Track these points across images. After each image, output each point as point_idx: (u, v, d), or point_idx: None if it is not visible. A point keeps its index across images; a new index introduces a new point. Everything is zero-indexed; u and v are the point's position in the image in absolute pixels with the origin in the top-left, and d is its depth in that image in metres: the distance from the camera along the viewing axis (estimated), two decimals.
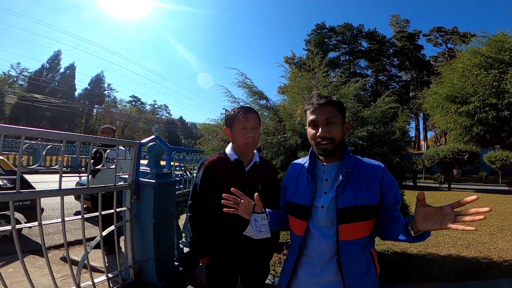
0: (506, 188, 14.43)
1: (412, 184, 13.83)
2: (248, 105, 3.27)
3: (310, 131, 1.24)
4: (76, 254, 3.39)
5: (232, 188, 1.24)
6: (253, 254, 1.63)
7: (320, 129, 1.18)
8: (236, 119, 1.60)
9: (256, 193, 1.27)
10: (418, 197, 0.97)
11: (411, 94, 41.31)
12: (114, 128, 4.19)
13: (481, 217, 0.84)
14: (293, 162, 1.46)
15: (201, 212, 1.64)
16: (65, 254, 2.27)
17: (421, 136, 43.70)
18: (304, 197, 1.23)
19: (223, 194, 1.22)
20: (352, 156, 1.25)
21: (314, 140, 1.22)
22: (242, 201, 1.24)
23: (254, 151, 1.71)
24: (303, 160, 1.36)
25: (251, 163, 1.65)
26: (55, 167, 2.25)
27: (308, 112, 1.24)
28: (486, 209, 0.87)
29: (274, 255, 3.08)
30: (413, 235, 1.01)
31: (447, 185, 15.30)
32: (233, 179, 1.52)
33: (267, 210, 1.35)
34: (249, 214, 1.25)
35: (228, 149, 1.68)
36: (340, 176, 1.18)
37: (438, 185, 16.08)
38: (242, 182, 1.55)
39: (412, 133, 42.72)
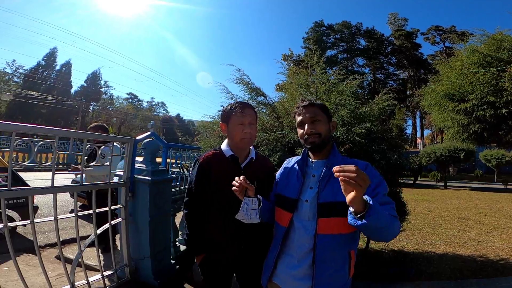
0: (502, 186, 14.52)
1: (412, 182, 13.86)
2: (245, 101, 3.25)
3: (299, 131, 1.39)
4: (72, 252, 3.35)
5: (242, 177, 1.31)
6: (248, 252, 1.61)
7: (306, 126, 1.33)
8: (233, 114, 1.56)
9: (254, 182, 1.34)
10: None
11: (408, 92, 41.45)
12: (105, 125, 3.98)
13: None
14: (288, 158, 1.59)
15: (196, 209, 1.61)
16: (59, 252, 2.25)
17: (418, 134, 43.97)
18: (292, 191, 1.34)
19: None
20: (339, 155, 1.36)
21: (303, 138, 1.36)
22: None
23: (251, 148, 1.68)
24: (297, 157, 1.48)
25: (247, 159, 1.62)
26: (49, 164, 2.21)
27: (296, 115, 1.40)
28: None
29: None
30: (354, 216, 1.02)
31: (443, 183, 15.38)
32: (228, 176, 1.47)
33: (259, 196, 1.41)
34: (242, 195, 1.33)
35: (224, 145, 1.64)
36: (324, 171, 1.27)
37: (434, 183, 16.17)
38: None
39: (409, 131, 42.99)
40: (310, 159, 1.39)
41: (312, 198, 1.27)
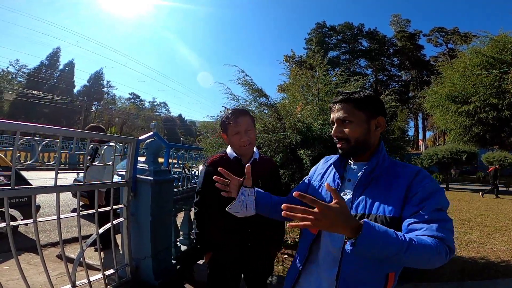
0: (504, 188, 14.46)
1: None
2: (247, 103, 3.25)
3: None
4: (74, 252, 3.36)
5: (219, 168, 1.24)
6: (255, 250, 1.66)
7: (333, 128, 1.13)
8: (228, 125, 1.63)
9: (247, 165, 1.26)
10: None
11: (410, 94, 41.34)
12: (102, 126, 3.94)
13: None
14: (327, 156, 1.36)
15: (205, 208, 1.69)
16: (60, 251, 2.26)
17: (420, 136, 43.80)
18: (325, 194, 1.17)
19: (216, 182, 1.20)
20: (386, 158, 1.11)
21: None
22: (231, 181, 1.22)
23: (254, 149, 1.74)
24: (336, 156, 1.25)
25: (251, 160, 1.68)
26: (52, 163, 2.22)
27: (330, 111, 1.19)
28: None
29: None
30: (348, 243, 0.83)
31: (445, 185, 15.32)
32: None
33: (256, 188, 1.29)
34: (237, 191, 1.21)
35: (229, 149, 1.73)
36: (360, 177, 1.07)
37: None
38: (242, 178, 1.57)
39: (411, 133, 42.83)
40: (350, 161, 1.18)
41: None
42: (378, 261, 0.96)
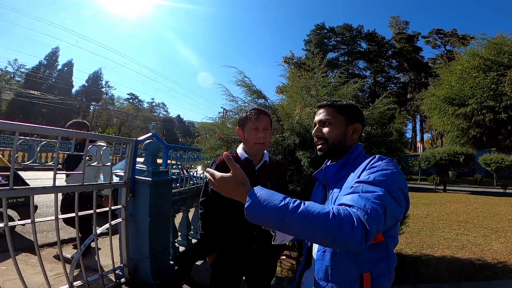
0: (501, 190, 14.50)
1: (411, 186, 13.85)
2: (245, 105, 3.26)
3: None
4: (70, 252, 3.35)
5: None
6: (260, 252, 1.66)
7: (314, 129, 1.22)
8: (248, 120, 1.64)
9: None
10: None
11: (408, 96, 41.50)
12: (87, 122, 3.77)
13: None
14: None
15: (211, 209, 1.68)
16: (58, 252, 2.25)
17: (418, 138, 43.94)
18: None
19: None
20: (357, 158, 1.13)
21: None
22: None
23: (264, 151, 1.75)
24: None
25: (261, 162, 1.70)
26: (50, 163, 2.21)
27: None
28: None
29: None
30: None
31: (442, 187, 15.37)
32: None
33: None
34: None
35: (239, 149, 1.72)
36: (328, 176, 1.15)
37: (433, 187, 16.15)
38: (252, 180, 1.56)
39: (409, 135, 42.99)
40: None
41: None
42: (350, 259, 0.96)
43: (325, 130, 1.18)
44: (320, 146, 1.19)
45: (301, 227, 0.77)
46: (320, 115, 1.21)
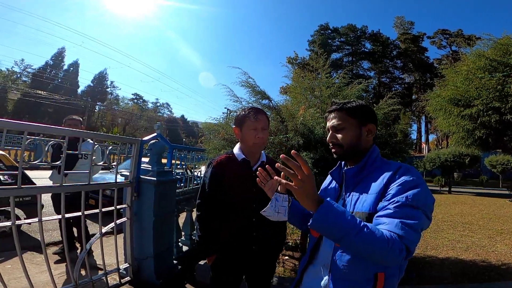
0: (507, 192, 14.34)
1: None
2: (249, 105, 3.27)
3: None
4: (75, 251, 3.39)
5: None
6: (260, 253, 1.65)
7: (328, 135, 1.21)
8: (247, 119, 1.62)
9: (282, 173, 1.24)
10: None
11: (413, 97, 41.22)
12: (81, 119, 3.71)
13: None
14: (331, 170, 1.37)
15: (209, 211, 1.66)
16: (60, 249, 2.28)
17: (423, 139, 43.61)
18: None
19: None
20: (375, 161, 1.15)
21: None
22: (270, 180, 1.25)
23: (262, 151, 1.74)
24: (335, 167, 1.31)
25: (258, 163, 1.68)
26: (57, 163, 2.24)
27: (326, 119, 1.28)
28: None
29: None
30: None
31: (447, 188, 15.24)
32: (240, 179, 1.55)
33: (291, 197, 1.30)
34: (273, 192, 1.22)
35: (236, 149, 1.70)
36: (348, 179, 1.15)
37: (438, 188, 16.02)
38: (250, 181, 1.56)
39: (414, 136, 42.64)
40: (345, 167, 1.22)
41: None
42: (363, 260, 0.99)
43: (339, 136, 1.17)
44: (335, 151, 1.19)
45: (361, 246, 0.88)
46: (332, 121, 1.20)
